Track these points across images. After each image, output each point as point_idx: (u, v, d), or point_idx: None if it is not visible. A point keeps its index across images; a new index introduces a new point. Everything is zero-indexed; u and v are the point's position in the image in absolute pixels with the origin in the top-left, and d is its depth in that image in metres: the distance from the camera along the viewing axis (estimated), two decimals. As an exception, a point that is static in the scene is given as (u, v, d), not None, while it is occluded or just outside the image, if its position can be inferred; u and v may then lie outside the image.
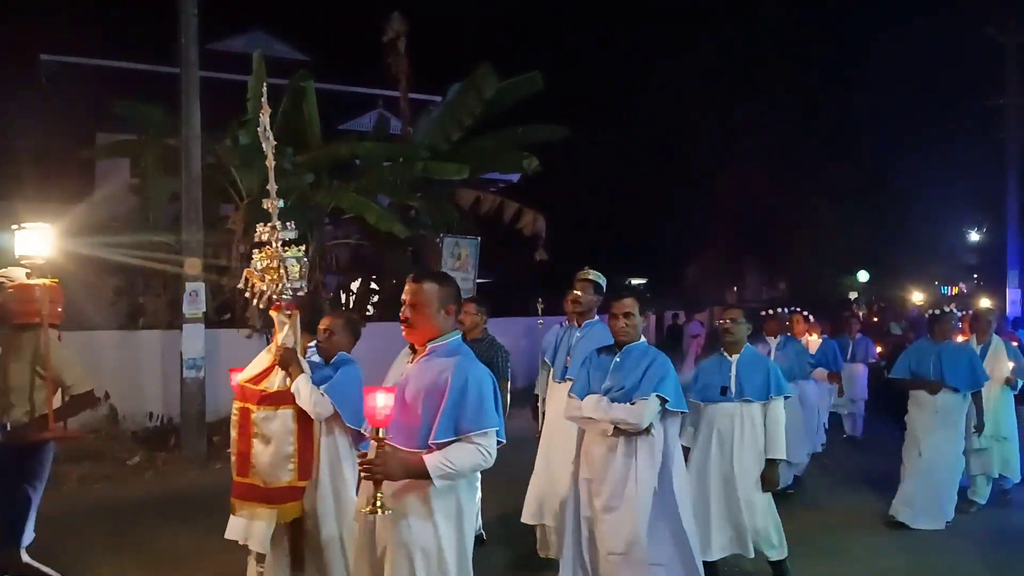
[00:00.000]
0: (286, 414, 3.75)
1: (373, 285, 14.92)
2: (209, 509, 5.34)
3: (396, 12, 14.19)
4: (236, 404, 3.85)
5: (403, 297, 3.22)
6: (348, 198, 11.84)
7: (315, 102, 12.72)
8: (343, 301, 14.60)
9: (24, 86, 18.22)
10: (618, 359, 4.34)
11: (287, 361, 3.80)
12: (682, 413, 4.72)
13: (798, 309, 8.81)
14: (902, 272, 26.67)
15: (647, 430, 4.17)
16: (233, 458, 3.84)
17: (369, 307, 14.54)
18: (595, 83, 25.24)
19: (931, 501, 6.45)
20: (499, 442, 3.04)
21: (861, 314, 20.18)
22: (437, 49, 18.44)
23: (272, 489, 3.74)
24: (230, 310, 11.36)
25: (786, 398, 5.15)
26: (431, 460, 2.87)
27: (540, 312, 6.20)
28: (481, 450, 2.92)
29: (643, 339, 4.50)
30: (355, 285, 15.01)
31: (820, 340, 9.38)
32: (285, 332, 3.83)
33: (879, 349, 11.65)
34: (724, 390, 5.17)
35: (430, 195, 13.45)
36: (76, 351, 4.81)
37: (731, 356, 5.27)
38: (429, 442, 2.91)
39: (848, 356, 10.47)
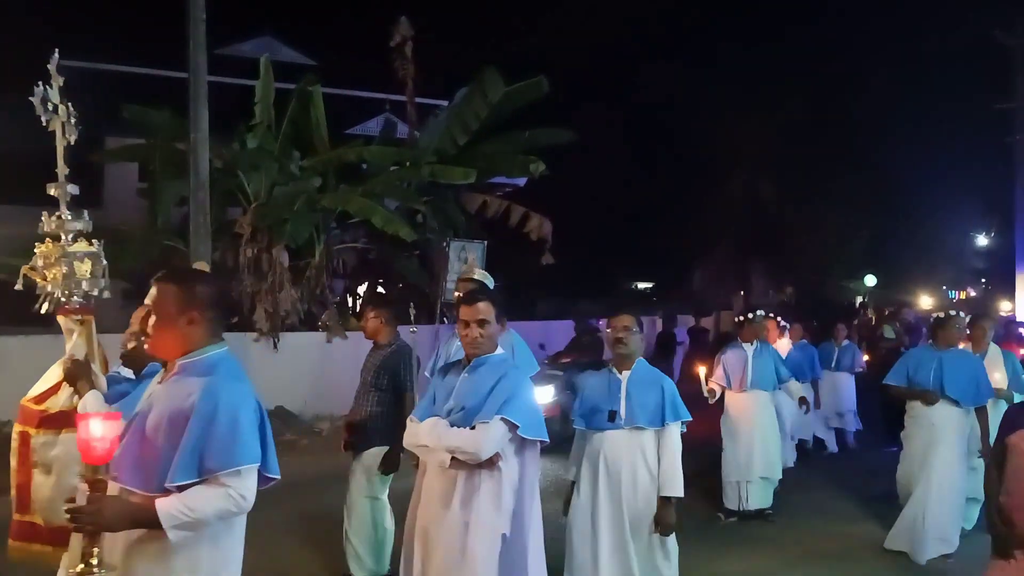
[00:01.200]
0: (69, 439, 2.96)
1: (380, 289, 14.96)
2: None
3: (403, 17, 14.24)
4: (16, 427, 3.24)
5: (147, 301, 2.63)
6: (355, 202, 11.88)
7: (322, 106, 12.78)
8: (349, 305, 14.65)
9: (32, 90, 18.31)
10: (466, 374, 3.50)
11: (75, 376, 3.10)
12: (575, 438, 4.24)
13: (771, 314, 8.31)
14: (910, 276, 26.60)
15: (492, 463, 3.32)
16: (12, 491, 3.20)
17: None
18: (601, 87, 25.26)
19: (935, 529, 5.67)
20: (271, 478, 2.50)
21: (871, 318, 20.15)
22: (444, 54, 18.48)
23: (53, 529, 3.08)
24: (237, 313, 11.40)
25: (684, 423, 4.30)
26: (165, 506, 2.27)
27: (412, 319, 5.26)
28: (231, 493, 2.33)
29: (500, 350, 3.60)
30: (362, 289, 15.05)
31: (790, 346, 8.69)
32: (74, 341, 3.16)
33: (866, 357, 10.69)
34: (612, 415, 4.25)
35: (437, 199, 13.49)
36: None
37: (621, 373, 4.36)
38: (166, 484, 2.32)
39: (832, 364, 9.76)
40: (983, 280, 33.87)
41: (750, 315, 7.36)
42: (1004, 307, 18.84)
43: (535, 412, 3.45)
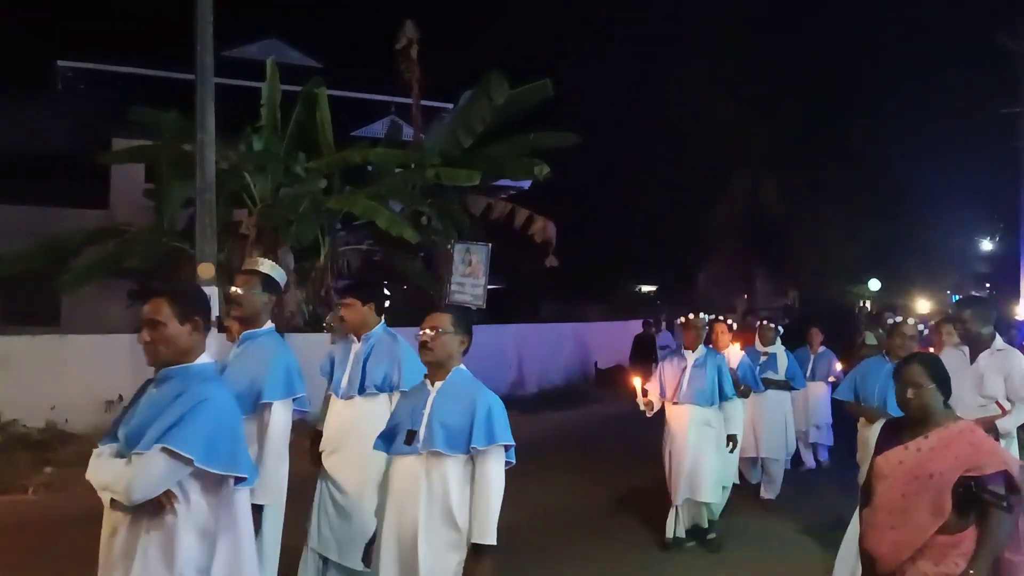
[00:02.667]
0: None
1: (384, 290, 14.99)
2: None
3: (409, 20, 14.30)
4: None
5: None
6: (360, 204, 11.92)
7: (328, 108, 12.82)
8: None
9: (40, 91, 18.44)
10: (152, 388, 2.75)
11: None
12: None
13: (720, 317, 7.35)
14: (914, 281, 26.56)
15: (159, 506, 2.55)
16: None
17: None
18: (605, 90, 25.28)
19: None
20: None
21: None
22: (449, 56, 18.54)
23: None
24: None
25: (507, 448, 3.24)
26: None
27: (331, 325, 4.87)
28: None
29: (204, 359, 2.80)
30: (366, 290, 15.07)
31: (742, 354, 7.50)
32: None
33: (840, 365, 9.38)
34: (411, 436, 3.27)
35: (441, 201, 13.52)
36: (92, 354, 4.86)
37: (432, 384, 3.36)
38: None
39: (808, 372, 8.82)
40: (988, 284, 33.78)
41: (691, 316, 6.26)
42: (1020, 312, 18.66)
43: (224, 438, 2.62)
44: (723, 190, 24.58)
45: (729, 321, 7.39)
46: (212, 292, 9.63)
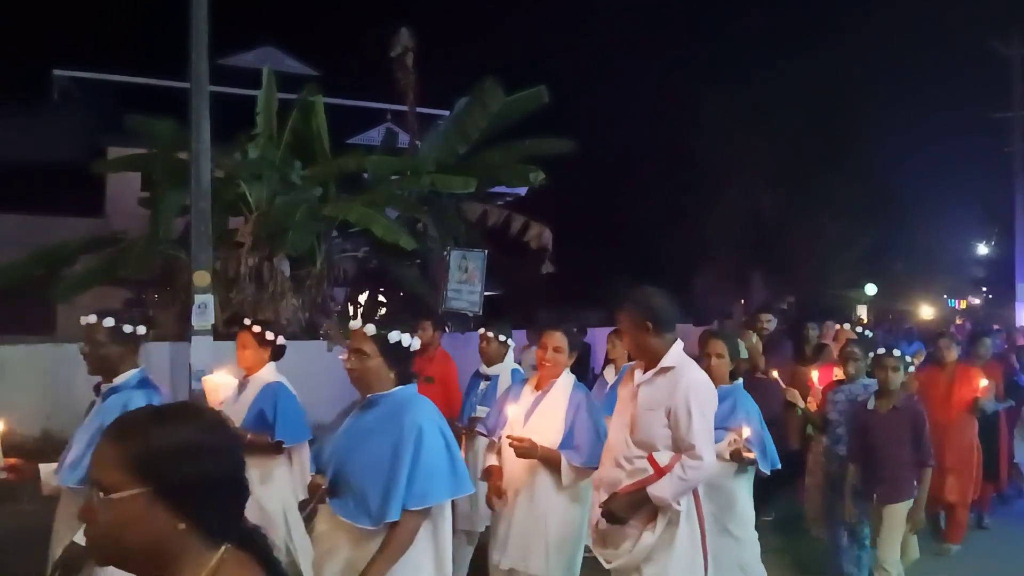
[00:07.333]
0: None
1: (380, 297, 15.00)
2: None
3: (404, 28, 14.33)
4: None
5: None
6: (356, 211, 11.93)
7: (324, 116, 12.85)
8: (350, 314, 14.67)
9: (36, 100, 18.44)
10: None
11: None
12: None
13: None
14: (909, 286, 26.59)
15: None
16: None
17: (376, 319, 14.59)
18: (600, 97, 25.37)
19: None
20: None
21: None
22: (444, 64, 18.61)
23: None
24: (239, 322, 11.44)
25: None
26: None
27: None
28: None
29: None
30: (362, 297, 15.09)
31: None
32: None
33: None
34: None
35: (437, 208, 13.54)
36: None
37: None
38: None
39: None
40: (983, 289, 33.88)
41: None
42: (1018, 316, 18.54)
43: None
44: (719, 196, 24.61)
45: None
46: (207, 300, 9.64)
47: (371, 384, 2.98)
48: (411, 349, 3.04)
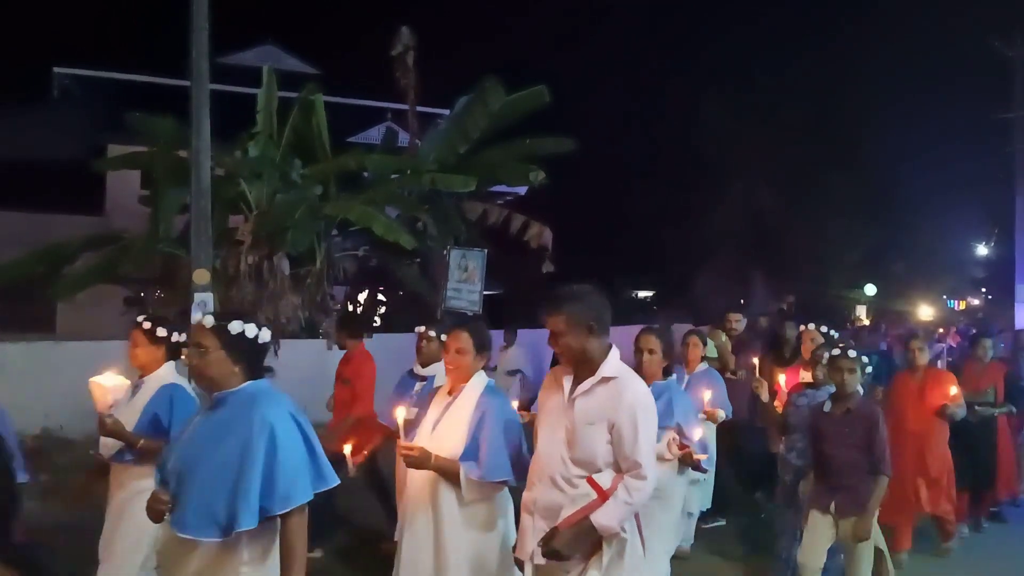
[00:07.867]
0: None
1: (380, 296, 14.99)
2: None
3: (405, 27, 14.32)
4: None
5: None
6: (356, 210, 11.92)
7: (324, 115, 12.83)
8: (350, 312, 14.67)
9: (36, 98, 18.44)
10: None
11: None
12: None
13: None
14: (910, 286, 26.58)
15: None
16: None
17: (376, 318, 14.61)
18: (601, 96, 25.36)
19: None
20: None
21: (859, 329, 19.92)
22: (445, 63, 18.59)
23: None
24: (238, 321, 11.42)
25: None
26: None
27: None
28: None
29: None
30: (362, 296, 15.08)
31: None
32: None
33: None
34: None
35: (437, 207, 13.52)
36: (87, 361, 4.84)
37: None
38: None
39: None
40: (983, 290, 33.88)
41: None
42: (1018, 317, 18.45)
43: None
44: (720, 196, 24.60)
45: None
46: (207, 298, 9.63)
47: (215, 381, 2.77)
48: (258, 341, 2.81)
